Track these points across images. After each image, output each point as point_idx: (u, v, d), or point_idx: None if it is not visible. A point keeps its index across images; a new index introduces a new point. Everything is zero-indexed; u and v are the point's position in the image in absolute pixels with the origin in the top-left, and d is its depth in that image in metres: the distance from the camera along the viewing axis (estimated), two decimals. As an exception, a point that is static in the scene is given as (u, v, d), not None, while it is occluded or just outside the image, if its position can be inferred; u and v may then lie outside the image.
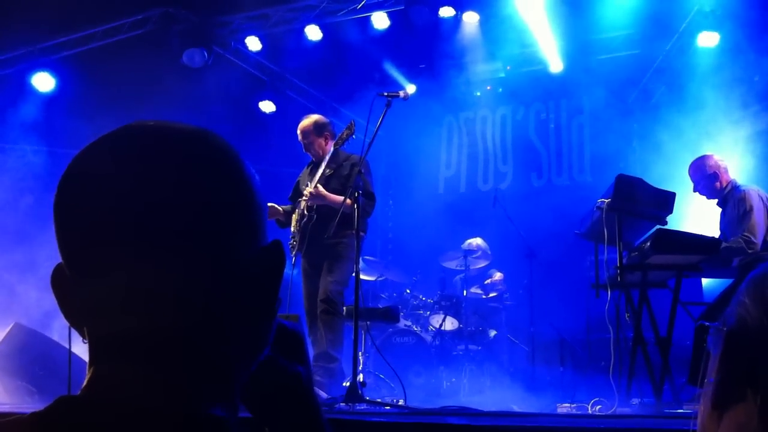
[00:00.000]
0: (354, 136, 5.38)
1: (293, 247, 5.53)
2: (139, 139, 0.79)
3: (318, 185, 5.35)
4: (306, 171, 5.84)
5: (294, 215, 5.59)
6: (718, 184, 5.49)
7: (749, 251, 5.03)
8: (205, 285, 0.77)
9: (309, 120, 5.70)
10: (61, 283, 0.79)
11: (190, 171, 0.78)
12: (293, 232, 5.56)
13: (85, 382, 0.75)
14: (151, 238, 0.74)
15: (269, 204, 5.61)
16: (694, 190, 5.63)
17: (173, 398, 0.73)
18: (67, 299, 0.80)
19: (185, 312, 0.76)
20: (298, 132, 5.70)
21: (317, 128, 5.65)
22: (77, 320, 0.80)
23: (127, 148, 0.78)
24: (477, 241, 8.16)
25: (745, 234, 5.08)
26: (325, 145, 5.65)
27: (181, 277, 0.76)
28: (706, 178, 5.50)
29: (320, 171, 5.45)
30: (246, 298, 0.80)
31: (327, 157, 5.52)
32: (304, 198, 5.42)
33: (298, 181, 5.87)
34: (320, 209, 5.34)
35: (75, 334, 0.81)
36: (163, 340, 0.74)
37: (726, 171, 5.53)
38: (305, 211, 5.39)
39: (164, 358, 0.74)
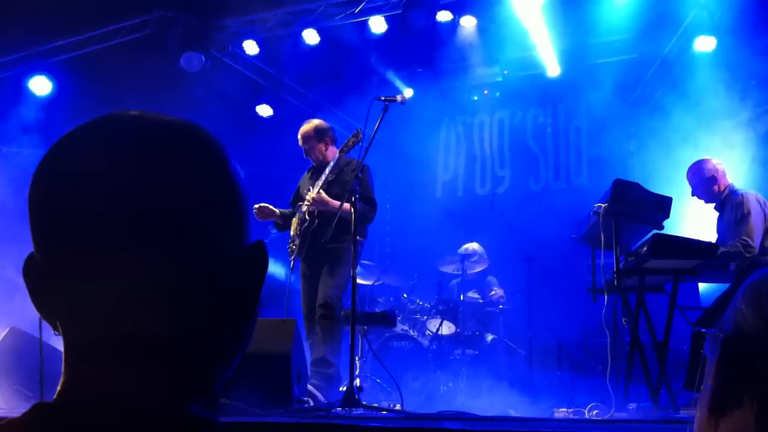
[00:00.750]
0: (360, 143, 5.37)
1: (293, 252, 5.53)
2: (127, 135, 0.78)
3: (320, 191, 5.35)
4: (307, 176, 5.83)
5: (294, 219, 5.59)
6: (716, 187, 5.49)
7: (747, 255, 5.03)
8: (195, 287, 0.76)
9: (310, 125, 5.70)
10: (37, 276, 0.78)
11: (183, 171, 0.77)
12: (292, 235, 5.56)
13: (63, 386, 0.74)
14: (147, 242, 0.73)
15: (265, 204, 5.63)
16: (693, 194, 5.63)
17: (163, 400, 0.72)
18: (44, 296, 0.78)
19: (176, 315, 0.75)
20: (299, 137, 5.71)
21: (318, 133, 5.66)
22: (56, 318, 0.78)
23: (116, 147, 0.76)
24: (473, 246, 8.14)
25: (743, 238, 5.08)
26: (326, 150, 5.65)
27: (175, 281, 0.75)
28: (704, 182, 5.50)
29: (323, 176, 5.44)
30: (230, 299, 0.80)
31: (332, 163, 5.50)
32: (306, 203, 5.42)
33: (300, 186, 5.86)
34: (322, 214, 5.36)
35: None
36: (154, 343, 0.73)
37: (724, 175, 5.53)
38: (306, 216, 5.39)
39: (155, 360, 0.73)
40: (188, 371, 0.75)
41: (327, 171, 5.45)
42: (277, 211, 5.65)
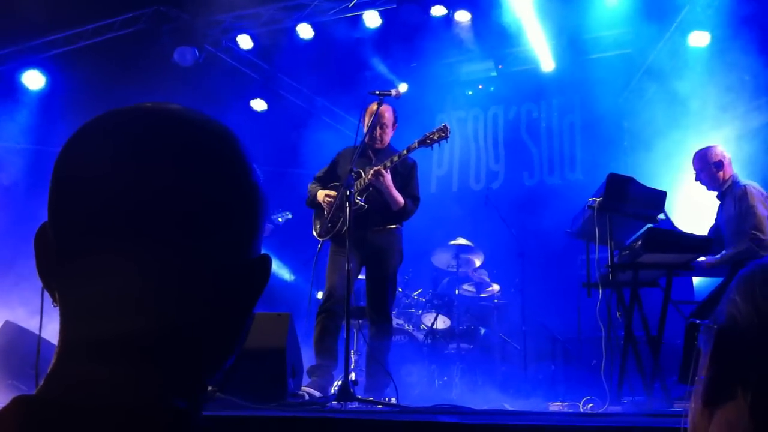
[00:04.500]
0: (446, 139, 5.17)
1: (328, 232, 5.26)
2: (142, 131, 0.76)
3: (388, 170, 5.10)
4: (349, 155, 5.32)
5: (325, 196, 5.33)
6: (721, 173, 5.46)
7: (761, 252, 5.00)
8: (193, 293, 0.75)
9: (389, 108, 5.43)
10: (46, 251, 0.77)
11: (198, 173, 0.75)
12: (326, 215, 5.28)
13: (47, 378, 0.73)
14: (150, 242, 0.73)
15: (330, 193, 5.32)
16: (696, 179, 5.60)
17: (147, 395, 0.71)
18: (48, 271, 0.78)
19: (168, 317, 0.74)
20: (382, 114, 5.32)
21: (396, 118, 5.49)
22: (56, 290, 0.78)
23: (129, 143, 0.74)
24: (460, 242, 8.09)
25: (753, 232, 5.06)
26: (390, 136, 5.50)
27: (174, 284, 0.74)
28: (709, 166, 5.48)
29: (389, 161, 5.14)
30: (225, 309, 0.79)
31: (388, 149, 5.37)
32: (366, 177, 5.12)
33: (337, 161, 5.54)
34: (374, 200, 5.15)
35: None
36: (143, 342, 0.72)
37: (730, 164, 5.52)
38: (356, 199, 5.04)
39: (142, 358, 0.72)
40: (174, 371, 0.74)
41: (395, 158, 5.16)
42: (332, 192, 5.31)
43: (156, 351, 0.73)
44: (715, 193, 5.57)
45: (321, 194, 5.36)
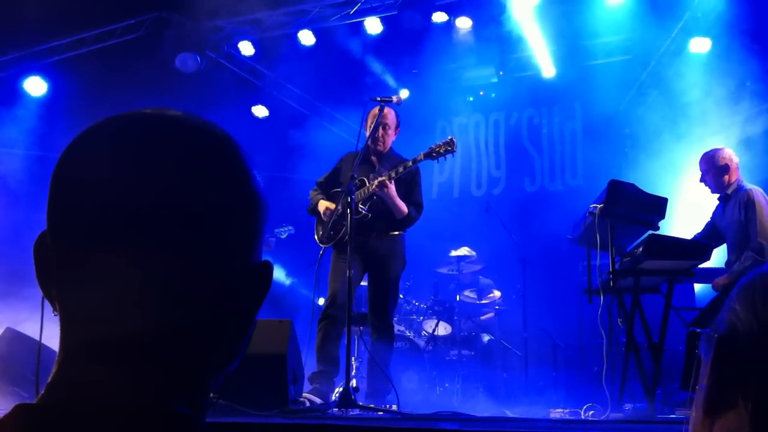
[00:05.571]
0: (453, 154, 5.22)
1: (331, 239, 5.23)
2: (141, 134, 0.76)
3: (393, 180, 5.09)
4: (351, 160, 5.24)
5: (326, 204, 5.29)
6: (726, 177, 5.44)
7: (766, 260, 4.99)
8: (193, 296, 0.75)
9: (393, 112, 5.42)
10: (46, 259, 0.77)
11: (198, 176, 0.75)
12: (326, 223, 5.24)
13: (49, 384, 0.72)
14: (150, 244, 0.72)
15: (330, 206, 5.28)
16: (700, 180, 5.59)
17: (148, 400, 0.70)
18: (48, 277, 0.77)
19: (169, 320, 0.73)
20: (386, 114, 5.31)
21: (398, 123, 5.50)
22: (55, 299, 0.77)
23: (128, 146, 0.75)
24: (464, 251, 8.08)
25: (760, 240, 5.06)
26: (392, 141, 5.49)
27: (174, 286, 0.74)
28: (716, 169, 5.46)
29: (395, 170, 5.13)
30: (226, 314, 0.78)
31: (389, 156, 5.37)
32: (370, 186, 5.09)
33: (339, 168, 5.50)
34: (376, 208, 5.14)
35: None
36: (144, 345, 0.72)
37: (737, 168, 5.49)
38: (359, 207, 5.05)
39: (143, 362, 0.71)
40: (175, 374, 0.73)
41: (400, 168, 5.14)
42: (332, 205, 5.28)
43: (156, 353, 0.72)
44: (718, 195, 5.56)
45: (322, 206, 5.34)
